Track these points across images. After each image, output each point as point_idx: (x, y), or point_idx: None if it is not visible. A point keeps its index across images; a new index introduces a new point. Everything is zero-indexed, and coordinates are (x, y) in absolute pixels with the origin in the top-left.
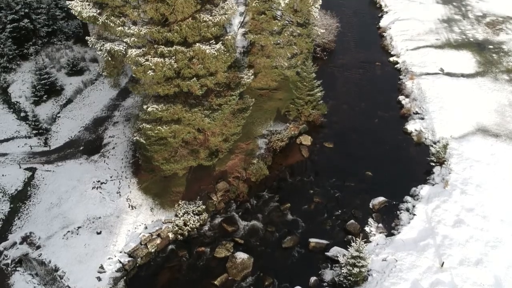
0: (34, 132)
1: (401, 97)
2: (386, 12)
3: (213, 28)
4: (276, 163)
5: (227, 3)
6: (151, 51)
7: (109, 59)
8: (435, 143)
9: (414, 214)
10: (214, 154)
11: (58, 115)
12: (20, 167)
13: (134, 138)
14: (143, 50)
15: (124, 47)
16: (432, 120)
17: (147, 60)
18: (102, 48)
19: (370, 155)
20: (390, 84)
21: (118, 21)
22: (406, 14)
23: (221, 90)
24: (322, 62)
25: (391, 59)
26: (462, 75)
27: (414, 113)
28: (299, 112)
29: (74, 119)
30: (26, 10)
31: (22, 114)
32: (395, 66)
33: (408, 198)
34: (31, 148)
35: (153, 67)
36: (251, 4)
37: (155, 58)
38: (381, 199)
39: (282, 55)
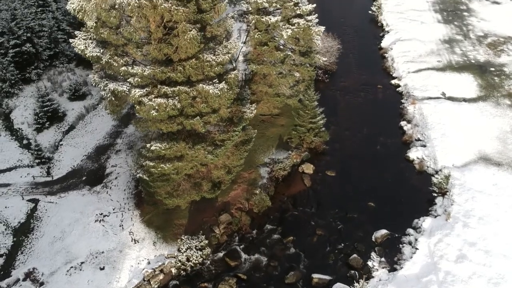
0: (37, 161)
1: (403, 123)
2: (388, 32)
3: (216, 68)
4: (278, 193)
5: (230, 42)
6: (155, 91)
7: (113, 98)
8: (437, 172)
9: (417, 248)
10: (217, 186)
11: (60, 142)
12: (23, 199)
13: (137, 175)
14: (146, 90)
15: (128, 87)
16: (434, 147)
17: (150, 100)
18: (105, 88)
19: (373, 184)
20: (392, 108)
21: (121, 60)
22: (407, 34)
23: (224, 125)
24: (323, 84)
25: (393, 81)
26: (464, 100)
27: (416, 139)
28: (301, 139)
29: (77, 147)
30: (29, 35)
31: (25, 141)
32: (397, 89)
33: (410, 230)
34: (34, 179)
35: (156, 107)
36: (253, 36)
37: (159, 99)
38: (383, 231)
39: (284, 84)
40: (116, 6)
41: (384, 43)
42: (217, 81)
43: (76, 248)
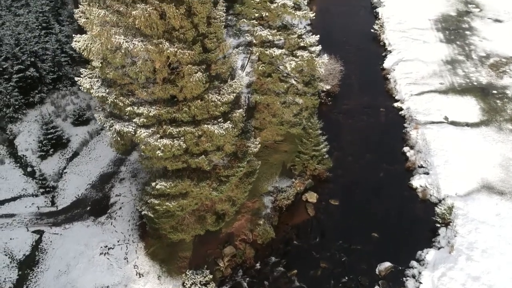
0: (41, 190)
1: (405, 149)
2: (390, 52)
3: (221, 107)
4: (282, 223)
5: (235, 81)
6: (160, 130)
7: (118, 139)
8: (440, 201)
9: (420, 282)
10: (221, 218)
11: (64, 170)
12: (27, 230)
13: (143, 213)
14: (152, 130)
15: (133, 127)
16: (437, 175)
17: (155, 140)
18: (111, 128)
19: (376, 214)
20: (394, 133)
21: (127, 100)
22: (410, 55)
23: (229, 160)
24: (326, 107)
25: (396, 104)
26: (467, 124)
27: (419, 166)
28: (305, 166)
29: (81, 175)
30: (32, 59)
31: (29, 169)
32: (400, 112)
33: (414, 263)
34: (39, 209)
35: (162, 148)
36: (257, 67)
37: (164, 140)
38: (387, 264)
39: (288, 113)
40: (122, 51)
41: (386, 64)
42: (222, 120)
43: (81, 283)
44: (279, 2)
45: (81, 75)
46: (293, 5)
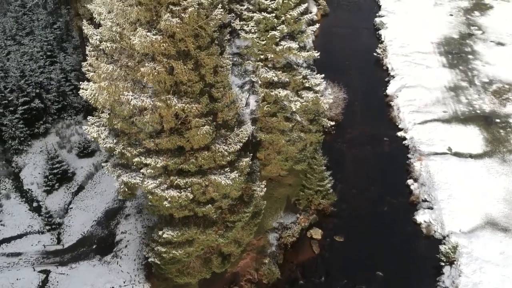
0: (47, 227)
1: (409, 181)
2: (393, 77)
3: (228, 157)
4: (287, 261)
5: (241, 130)
6: (167, 181)
7: (126, 189)
8: (444, 237)
9: None
10: (227, 259)
11: (70, 206)
12: (34, 270)
13: (149, 259)
14: (159, 181)
15: (141, 178)
16: (441, 210)
17: (162, 190)
18: (118, 179)
19: (381, 251)
20: (398, 163)
21: (134, 151)
22: (413, 80)
23: (234, 204)
24: (330, 136)
25: (399, 134)
26: (470, 156)
27: (423, 200)
28: (309, 201)
29: (86, 210)
30: (37, 91)
31: (35, 204)
32: (403, 142)
33: None
34: (45, 247)
35: (169, 199)
36: (262, 107)
37: (171, 191)
38: None
39: (292, 150)
40: (131, 106)
41: (389, 90)
42: (229, 170)
43: None
44: (285, 45)
45: (88, 123)
46: (298, 46)
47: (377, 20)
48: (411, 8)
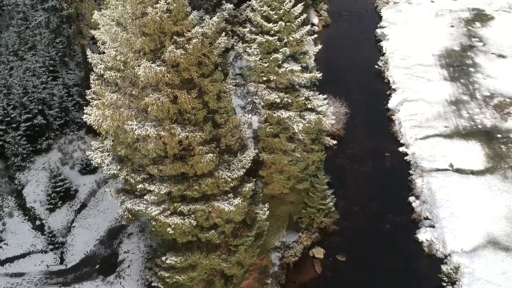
0: (50, 247)
1: (411, 198)
2: (394, 90)
3: (231, 183)
4: (289, 281)
5: (244, 156)
6: (171, 207)
7: (129, 216)
8: (446, 256)
9: None
10: (229, 281)
11: (73, 224)
12: None
13: (152, 284)
14: (163, 207)
15: (144, 205)
16: (443, 229)
17: (166, 217)
18: (122, 206)
19: (382, 270)
20: (400, 180)
21: (138, 177)
22: (414, 94)
23: (237, 228)
24: (332, 152)
25: (401, 149)
26: (472, 172)
27: (424, 218)
28: (311, 219)
29: (89, 229)
30: (40, 107)
31: (38, 222)
32: (405, 157)
33: None
34: (48, 267)
35: (172, 226)
36: (264, 128)
37: (175, 218)
38: None
39: (295, 170)
40: (135, 135)
41: (391, 104)
42: (232, 196)
43: None
44: (287, 68)
45: (92, 147)
46: (300, 68)
47: (378, 31)
48: (412, 18)
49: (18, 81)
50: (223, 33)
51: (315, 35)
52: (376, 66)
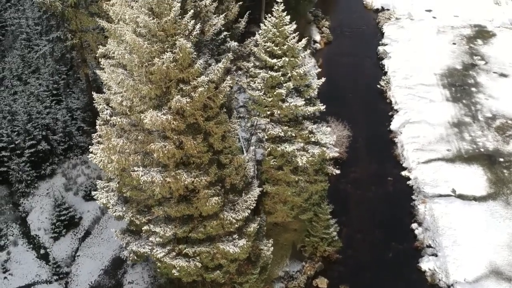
0: (55, 277)
1: (414, 225)
2: (397, 111)
3: (236, 225)
4: None
5: (249, 197)
6: (176, 248)
7: (135, 257)
8: (449, 286)
9: None
10: None
11: (77, 253)
12: None
13: None
14: (168, 249)
15: (150, 247)
16: (446, 258)
17: (171, 259)
18: (127, 248)
19: None
20: (402, 206)
21: (144, 219)
22: (416, 116)
23: (242, 265)
24: (334, 177)
25: (403, 173)
26: (474, 198)
27: (427, 246)
28: (315, 247)
29: (94, 258)
30: (44, 133)
31: (42, 251)
32: (407, 182)
33: None
34: None
35: (177, 267)
36: (268, 161)
37: (179, 261)
38: None
39: (298, 200)
40: (141, 183)
41: (393, 125)
42: (237, 237)
43: None
44: (291, 103)
45: (97, 187)
46: (304, 102)
47: (380, 48)
48: (414, 35)
49: (22, 107)
50: (228, 76)
51: (322, 80)
52: (378, 86)
